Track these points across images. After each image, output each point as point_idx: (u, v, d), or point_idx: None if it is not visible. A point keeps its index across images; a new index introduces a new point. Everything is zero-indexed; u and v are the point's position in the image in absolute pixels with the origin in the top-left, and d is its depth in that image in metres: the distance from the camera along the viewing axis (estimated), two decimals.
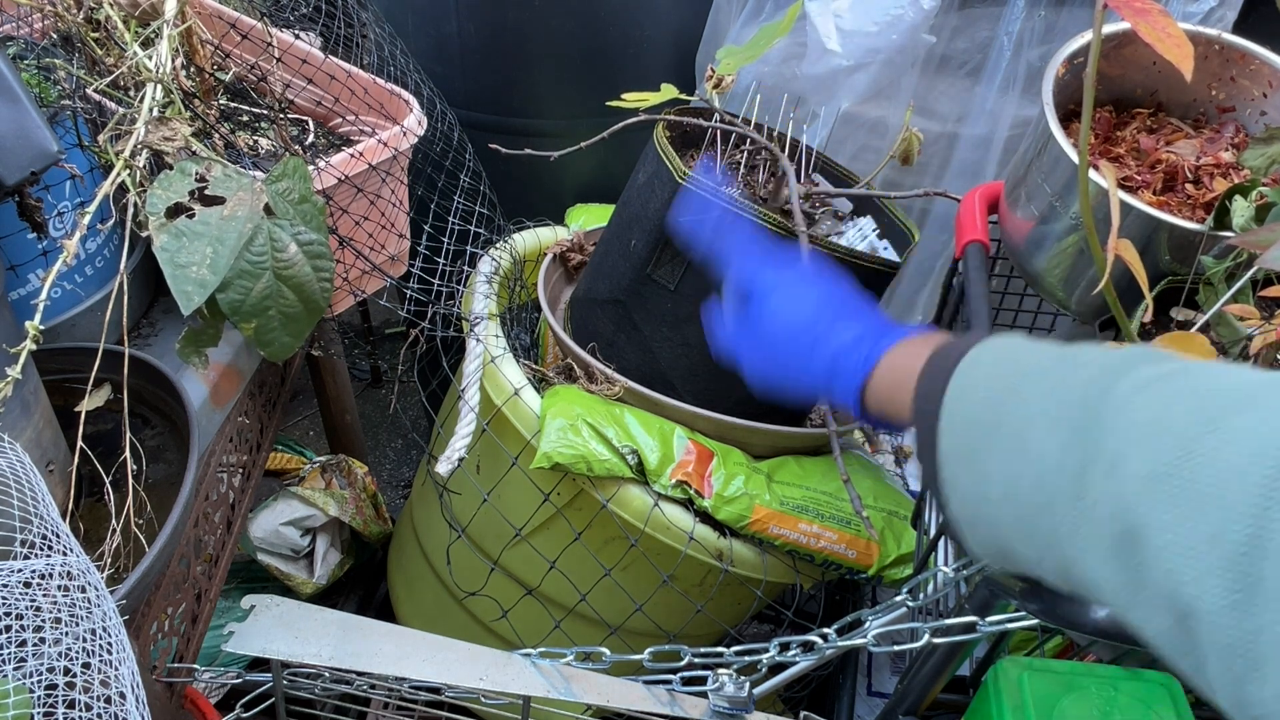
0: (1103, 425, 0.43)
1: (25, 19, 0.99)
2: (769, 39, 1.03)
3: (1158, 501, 0.38)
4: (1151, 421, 0.40)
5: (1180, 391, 0.41)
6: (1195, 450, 0.38)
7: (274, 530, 1.40)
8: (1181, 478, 0.38)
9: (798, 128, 1.15)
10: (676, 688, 0.92)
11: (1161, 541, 0.38)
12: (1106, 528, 0.41)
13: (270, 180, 0.88)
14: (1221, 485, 0.36)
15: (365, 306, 2.08)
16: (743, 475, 0.98)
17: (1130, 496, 0.39)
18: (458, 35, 1.38)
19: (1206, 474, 0.37)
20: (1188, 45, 0.53)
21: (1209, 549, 0.36)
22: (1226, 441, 0.37)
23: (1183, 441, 0.38)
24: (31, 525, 0.60)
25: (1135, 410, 0.42)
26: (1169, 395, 0.41)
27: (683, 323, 0.99)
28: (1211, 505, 0.36)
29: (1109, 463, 0.41)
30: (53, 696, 0.55)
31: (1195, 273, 0.79)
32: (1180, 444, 0.38)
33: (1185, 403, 0.40)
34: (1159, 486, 0.38)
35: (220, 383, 1.05)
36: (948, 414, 0.53)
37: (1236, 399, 0.38)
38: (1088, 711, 0.79)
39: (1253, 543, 0.35)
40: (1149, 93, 0.98)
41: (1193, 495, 0.37)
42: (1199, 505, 0.37)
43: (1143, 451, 0.40)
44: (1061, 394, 0.46)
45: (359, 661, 0.88)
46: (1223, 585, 0.35)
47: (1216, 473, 0.37)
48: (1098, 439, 0.42)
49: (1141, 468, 0.39)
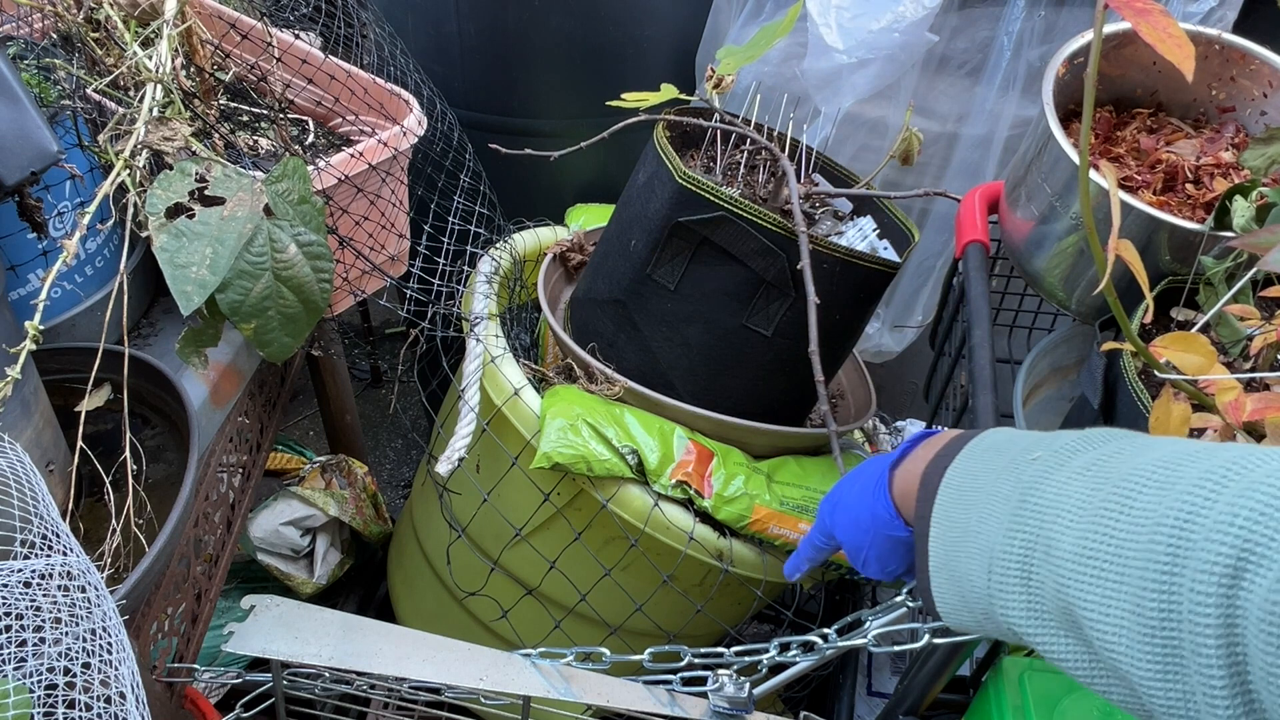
0: (1038, 511, 0.46)
1: (25, 19, 0.99)
2: (769, 39, 1.03)
3: (1084, 579, 0.42)
4: (1079, 506, 0.44)
5: (1108, 476, 0.44)
6: (1109, 530, 0.41)
7: (274, 530, 1.40)
8: (1100, 557, 0.41)
9: (798, 128, 1.15)
10: (676, 688, 0.92)
11: (1094, 616, 0.41)
12: (1053, 604, 0.44)
13: (270, 181, 0.88)
14: (1132, 561, 0.39)
15: (365, 306, 2.08)
16: (743, 475, 0.98)
17: (1064, 577, 0.43)
18: (458, 35, 1.38)
19: (1120, 552, 0.40)
20: (1189, 45, 0.53)
21: (1132, 621, 0.39)
22: (1135, 521, 0.40)
23: (1099, 523, 0.42)
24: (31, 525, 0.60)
25: (1066, 497, 0.45)
26: (1095, 481, 0.44)
27: (683, 323, 0.99)
28: (1128, 581, 0.39)
29: (1045, 548, 0.45)
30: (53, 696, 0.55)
31: (1195, 273, 0.79)
32: (1097, 526, 0.42)
33: (1106, 487, 0.43)
34: (1084, 566, 0.42)
35: (220, 383, 1.05)
36: (934, 524, 0.56)
37: (1144, 478, 0.41)
38: (1088, 711, 0.79)
39: (1165, 613, 0.37)
40: (1149, 93, 0.98)
41: (1112, 573, 0.40)
42: (1118, 582, 0.40)
43: (1071, 535, 0.43)
44: (1010, 487, 0.49)
45: (359, 661, 0.88)
46: (1149, 654, 0.38)
47: (1128, 551, 0.40)
48: (1033, 524, 0.46)
49: (1070, 549, 0.43)
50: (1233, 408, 0.62)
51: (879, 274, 0.99)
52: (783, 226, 0.92)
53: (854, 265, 0.96)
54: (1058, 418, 1.03)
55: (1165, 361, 0.66)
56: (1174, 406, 0.65)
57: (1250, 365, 0.72)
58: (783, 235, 0.93)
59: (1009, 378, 1.04)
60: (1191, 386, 0.65)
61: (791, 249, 0.93)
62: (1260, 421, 0.62)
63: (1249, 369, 0.71)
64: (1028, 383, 1.03)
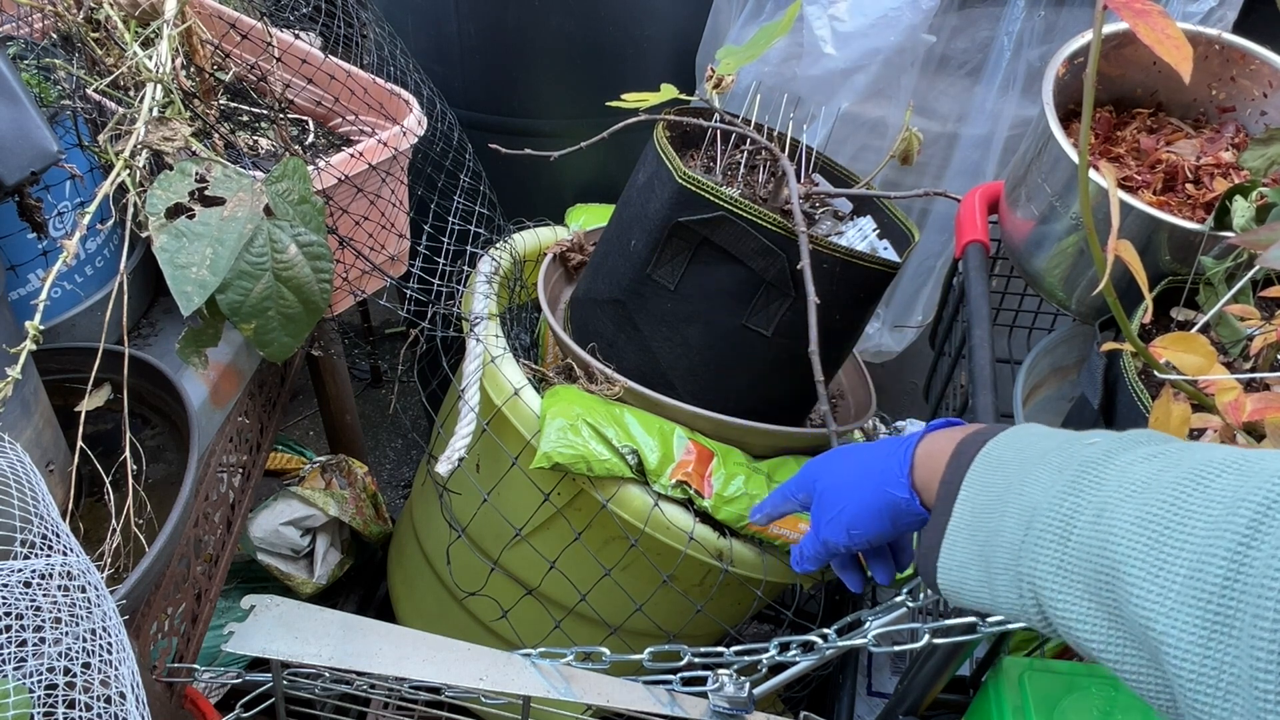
0: (1099, 483, 0.47)
1: (25, 19, 0.99)
2: (768, 39, 1.03)
3: (1139, 543, 0.42)
4: (1144, 481, 0.45)
5: (1176, 463, 0.45)
6: (1180, 502, 0.42)
7: (274, 530, 1.40)
8: (1165, 522, 0.42)
9: (798, 128, 1.15)
10: (676, 688, 0.92)
11: (1138, 576, 0.41)
12: (1088, 565, 0.45)
13: (270, 181, 0.88)
14: (1202, 530, 0.40)
15: (365, 306, 2.08)
16: (743, 475, 0.98)
17: (1114, 538, 0.43)
18: (458, 35, 1.38)
19: (1189, 521, 0.41)
20: (1187, 47, 0.53)
21: (1185, 586, 0.39)
22: (1210, 497, 0.41)
23: (1170, 495, 0.42)
24: (31, 525, 0.60)
25: (1131, 474, 0.46)
26: (1164, 464, 0.45)
27: (683, 323, 0.99)
28: (1191, 547, 0.40)
29: (1096, 511, 0.46)
30: (53, 696, 0.55)
31: (1195, 273, 0.79)
32: (1167, 497, 0.43)
33: (1177, 470, 0.44)
34: (1143, 530, 0.42)
35: (220, 383, 1.05)
36: (966, 487, 0.56)
37: (1222, 466, 0.42)
38: (1088, 711, 0.79)
39: (1230, 580, 0.38)
40: (1149, 93, 0.98)
41: (1174, 538, 0.41)
42: (1179, 547, 0.40)
43: (1132, 504, 0.44)
44: (1063, 461, 0.50)
45: (359, 661, 0.88)
46: (1196, 619, 0.39)
47: (1198, 520, 0.40)
48: (1090, 492, 0.47)
49: (1129, 515, 0.44)
50: (1233, 408, 0.62)
51: (879, 274, 0.99)
52: (783, 226, 0.92)
53: (854, 265, 0.96)
54: (1058, 418, 1.03)
55: (1165, 362, 0.66)
56: (1174, 406, 0.65)
57: (1250, 365, 0.72)
58: (783, 235, 0.93)
59: (1009, 378, 1.04)
60: (1191, 387, 0.65)
61: (791, 249, 0.93)
62: (1260, 421, 0.62)
63: (1249, 369, 0.72)
64: (1028, 383, 1.03)
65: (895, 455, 0.65)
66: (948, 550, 0.56)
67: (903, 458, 0.65)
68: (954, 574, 0.56)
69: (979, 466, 0.56)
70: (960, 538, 0.56)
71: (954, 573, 0.56)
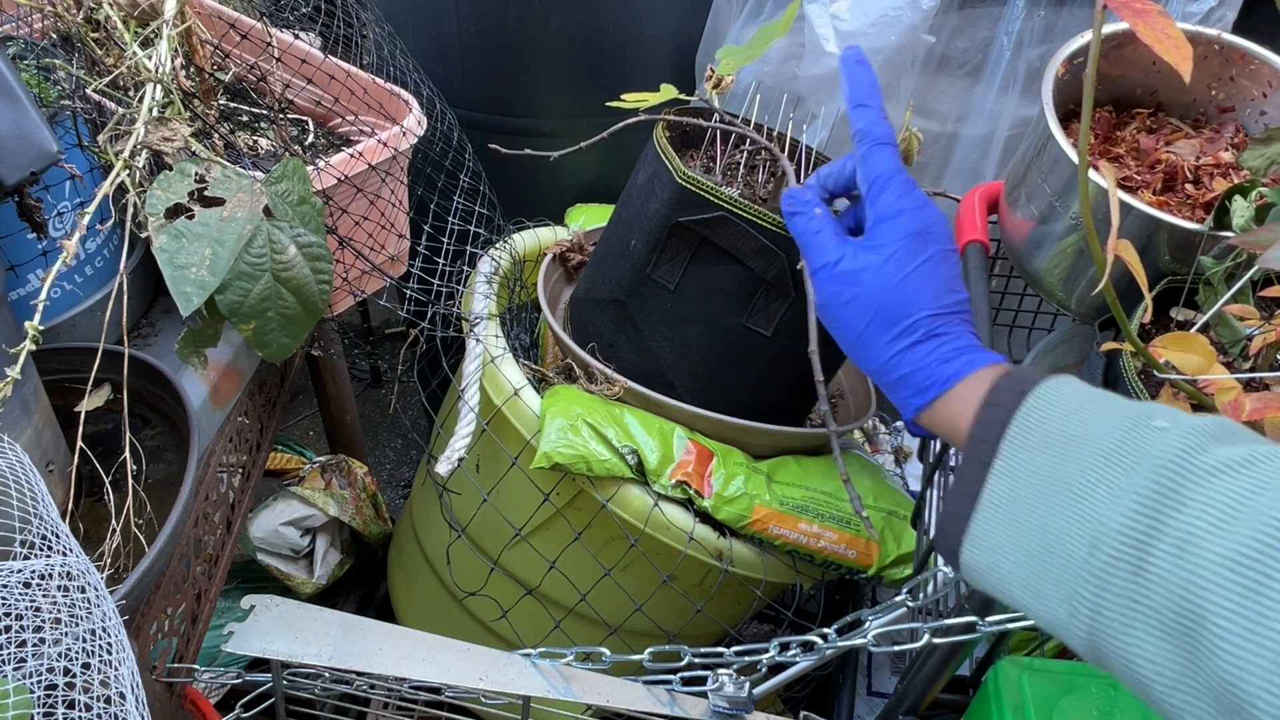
0: (1179, 502, 0.41)
1: (25, 19, 0.99)
2: (768, 39, 1.03)
3: (1231, 591, 0.37)
4: (1234, 505, 0.39)
5: (1267, 483, 0.39)
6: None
7: (274, 530, 1.40)
8: (1263, 567, 0.36)
9: (797, 128, 1.15)
10: (676, 688, 0.92)
11: (1227, 629, 0.36)
12: (1165, 604, 0.39)
13: (270, 181, 0.88)
14: None
15: (365, 306, 2.08)
16: (743, 475, 0.98)
17: (1200, 580, 0.38)
18: (458, 35, 1.38)
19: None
20: (1186, 47, 0.53)
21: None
22: None
23: (1267, 533, 0.37)
24: (31, 525, 0.60)
25: (1215, 491, 0.40)
26: (1253, 482, 0.40)
27: (683, 323, 0.99)
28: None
29: (1179, 540, 0.40)
30: (53, 697, 0.55)
31: (1195, 273, 0.79)
32: (1263, 535, 0.37)
33: (1272, 494, 0.38)
34: (1236, 575, 0.37)
35: (220, 383, 1.05)
36: (1003, 457, 0.50)
37: None
38: (1088, 712, 0.79)
39: None
40: (1149, 93, 0.98)
41: (1274, 587, 0.36)
42: (1278, 598, 0.35)
43: (1221, 538, 0.38)
44: (1132, 459, 0.44)
45: (359, 661, 0.88)
46: None
47: None
48: (1170, 515, 0.41)
49: (1218, 552, 0.38)
50: (1232, 408, 0.62)
51: None
52: (783, 226, 0.92)
53: None
54: None
55: (1165, 361, 0.66)
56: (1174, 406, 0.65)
57: (1250, 365, 0.72)
58: (783, 235, 0.92)
59: None
60: (1191, 386, 0.65)
61: (791, 249, 0.93)
62: (1260, 422, 0.62)
63: (1248, 369, 0.72)
64: None
65: (923, 388, 0.60)
66: (980, 528, 0.50)
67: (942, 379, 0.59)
68: (982, 555, 0.50)
69: (1017, 430, 0.50)
70: (996, 516, 0.49)
71: (983, 554, 0.50)
